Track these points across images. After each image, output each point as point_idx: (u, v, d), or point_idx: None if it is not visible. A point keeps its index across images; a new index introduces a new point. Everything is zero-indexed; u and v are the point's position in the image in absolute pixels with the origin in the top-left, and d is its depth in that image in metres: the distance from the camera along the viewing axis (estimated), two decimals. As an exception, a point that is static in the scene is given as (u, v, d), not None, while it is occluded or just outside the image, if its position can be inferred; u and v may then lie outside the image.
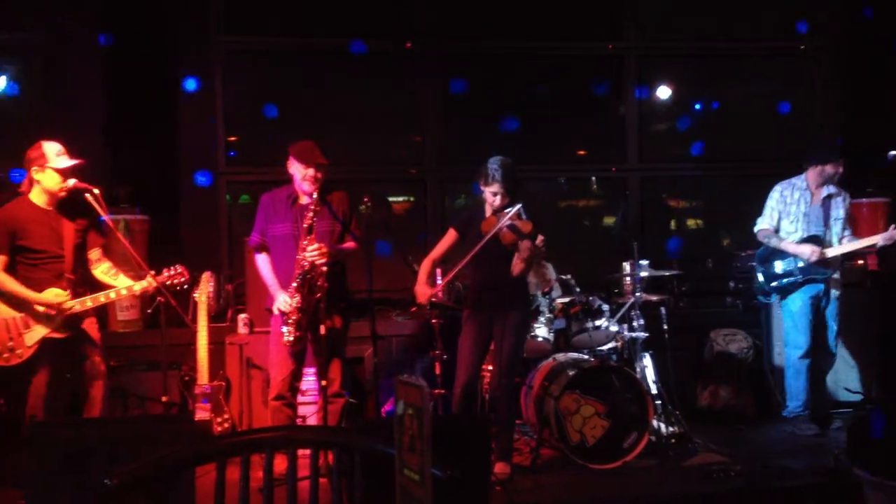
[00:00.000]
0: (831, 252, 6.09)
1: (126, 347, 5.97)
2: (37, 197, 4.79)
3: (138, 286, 4.86)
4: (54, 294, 4.70)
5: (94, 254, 4.99)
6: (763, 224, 6.30)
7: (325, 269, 4.86)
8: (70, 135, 6.42)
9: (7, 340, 4.68)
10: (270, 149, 5.32)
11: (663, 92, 8.05)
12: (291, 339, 4.97)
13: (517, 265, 4.93)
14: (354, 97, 7.52)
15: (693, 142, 8.09)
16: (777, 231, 6.26)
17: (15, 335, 4.68)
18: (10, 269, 4.72)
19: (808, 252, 6.05)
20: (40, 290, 4.71)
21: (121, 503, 1.99)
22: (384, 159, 7.67)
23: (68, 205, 4.82)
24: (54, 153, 4.74)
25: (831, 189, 6.21)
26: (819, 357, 6.19)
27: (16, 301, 4.70)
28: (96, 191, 4.75)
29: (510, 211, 4.89)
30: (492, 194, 5.05)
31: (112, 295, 4.88)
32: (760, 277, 6.30)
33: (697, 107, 8.20)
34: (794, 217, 6.21)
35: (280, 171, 5.23)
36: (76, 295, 4.78)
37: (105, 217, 4.79)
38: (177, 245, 6.73)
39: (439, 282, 6.11)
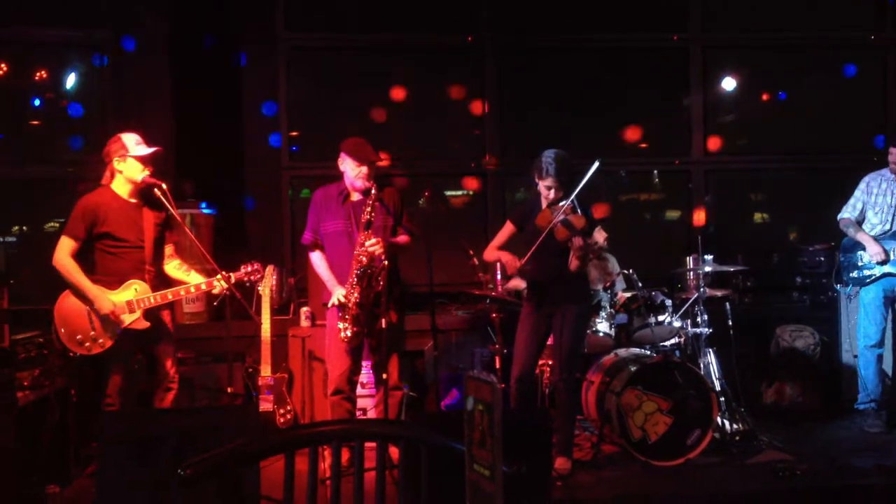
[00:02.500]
0: None
1: (192, 339, 6.08)
2: (119, 187, 4.85)
3: (217, 287, 4.89)
4: (108, 300, 4.70)
5: (168, 249, 5.05)
6: (846, 213, 6.26)
7: (385, 263, 4.89)
8: (137, 131, 6.62)
9: (90, 330, 4.74)
10: (332, 144, 5.36)
11: (728, 83, 7.91)
12: (349, 334, 5.01)
13: (572, 261, 4.90)
14: (415, 91, 7.54)
15: (759, 134, 7.95)
16: (862, 222, 6.19)
17: (97, 325, 4.73)
18: (89, 258, 4.77)
19: (876, 251, 5.97)
20: (121, 280, 4.77)
21: (192, 492, 2.03)
22: (444, 153, 7.68)
23: (148, 197, 4.89)
24: (133, 143, 4.82)
25: None
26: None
27: (73, 288, 4.73)
28: (164, 186, 4.85)
29: (563, 205, 4.85)
30: (546, 188, 5.01)
31: (192, 290, 4.94)
32: (841, 266, 6.24)
33: (763, 98, 8.05)
34: (880, 208, 6.13)
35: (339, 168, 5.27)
36: (154, 287, 4.83)
37: (174, 212, 4.88)
38: (241, 239, 6.83)
39: (499, 276, 6.11)
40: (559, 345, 5.06)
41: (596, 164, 4.79)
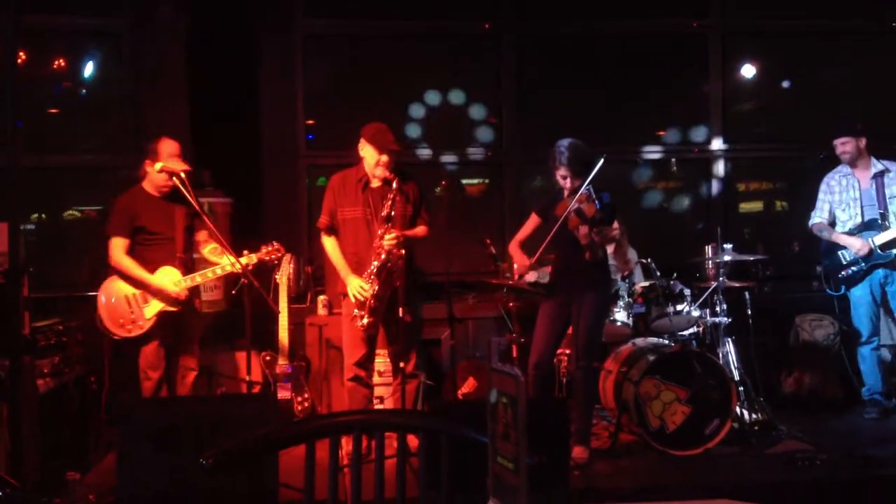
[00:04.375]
0: (882, 239, 5.93)
1: (211, 327, 6.10)
2: (148, 186, 5.18)
3: (244, 260, 5.11)
4: (173, 283, 5.09)
5: (202, 235, 5.33)
6: (815, 218, 6.28)
7: (401, 261, 4.88)
8: (155, 119, 6.64)
9: (129, 313, 5.08)
10: (349, 132, 5.35)
11: (748, 70, 7.84)
12: (365, 323, 5.01)
13: (585, 250, 4.90)
14: (432, 79, 7.51)
15: (778, 122, 7.88)
16: (833, 222, 6.20)
17: (136, 308, 5.09)
18: (132, 249, 5.13)
19: (858, 246, 5.95)
20: (155, 268, 5.10)
21: (211, 480, 2.03)
22: (461, 142, 7.66)
23: (177, 191, 5.11)
24: (167, 153, 5.10)
25: (878, 166, 6.03)
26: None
27: (135, 281, 5.09)
28: (182, 175, 4.96)
29: (579, 193, 4.84)
30: (561, 177, 5.03)
31: (218, 271, 5.17)
32: (826, 271, 6.23)
33: (783, 86, 7.97)
34: (846, 204, 6.13)
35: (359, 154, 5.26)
36: (186, 272, 5.16)
37: (192, 200, 4.93)
38: (258, 227, 6.84)
39: (515, 265, 6.08)
40: (576, 334, 5.06)
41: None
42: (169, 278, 5.09)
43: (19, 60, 6.28)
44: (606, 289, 5.27)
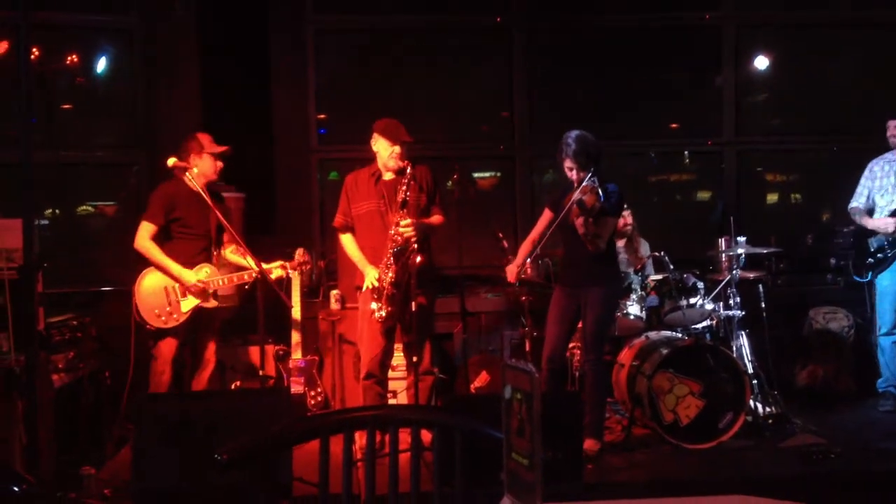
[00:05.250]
0: None
1: (224, 321, 6.11)
2: (192, 180, 5.14)
3: (275, 273, 5.25)
4: (192, 274, 5.13)
5: (226, 236, 5.36)
6: (854, 202, 6.27)
7: (416, 246, 4.88)
8: (167, 114, 6.66)
9: (167, 305, 5.13)
10: (361, 126, 5.35)
11: (761, 63, 7.79)
12: (383, 314, 5.01)
13: (586, 241, 4.90)
14: (443, 73, 7.51)
15: (791, 114, 7.84)
16: (872, 208, 6.16)
17: (173, 301, 5.14)
18: (166, 239, 5.19)
19: (884, 224, 5.93)
20: (188, 261, 5.16)
21: (226, 475, 2.04)
22: (472, 136, 7.64)
23: (213, 190, 5.26)
24: (209, 140, 5.26)
25: None
26: None
27: (159, 267, 5.14)
28: (196, 170, 5.03)
29: (583, 185, 4.85)
30: (567, 169, 5.04)
31: (246, 276, 5.22)
32: (854, 259, 6.20)
33: (796, 78, 7.92)
34: (885, 190, 6.08)
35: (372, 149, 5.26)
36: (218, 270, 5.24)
37: (205, 196, 4.95)
38: (270, 222, 6.85)
39: (528, 260, 6.07)
40: (584, 327, 5.07)
41: (588, 180, 4.83)
42: (199, 274, 5.15)
43: (32, 57, 6.31)
44: (613, 282, 5.23)
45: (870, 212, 6.21)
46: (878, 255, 6.05)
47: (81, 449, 5.03)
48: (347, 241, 5.25)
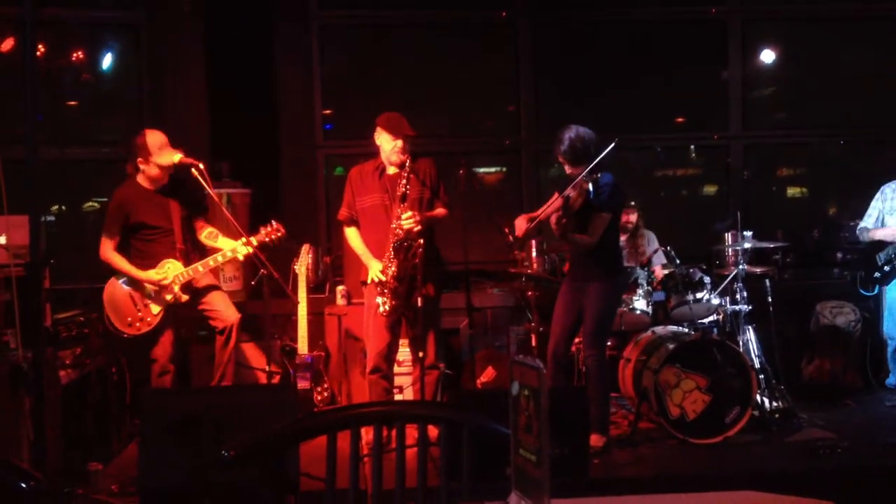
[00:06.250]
0: None
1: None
2: (143, 181, 5.17)
3: (241, 252, 5.13)
4: (155, 272, 5.08)
5: (198, 222, 5.31)
6: (863, 223, 6.33)
7: (420, 239, 4.89)
8: (173, 110, 6.66)
9: (136, 312, 5.12)
10: (366, 122, 5.35)
11: (767, 57, 7.76)
12: (388, 308, 5.02)
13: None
14: (449, 68, 7.49)
15: (798, 108, 7.81)
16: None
17: (142, 306, 5.13)
18: (124, 248, 5.15)
19: (892, 233, 5.95)
20: (157, 262, 5.11)
21: (233, 471, 2.04)
22: (478, 130, 7.64)
23: (172, 181, 5.18)
24: (157, 147, 5.10)
25: None
26: None
27: (132, 279, 5.13)
28: (202, 165, 5.02)
29: (577, 181, 4.88)
30: (562, 163, 5.08)
31: (220, 258, 5.17)
32: (862, 275, 6.22)
33: (803, 71, 7.89)
34: (895, 210, 6.07)
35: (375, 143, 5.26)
36: (188, 262, 5.15)
37: (210, 191, 4.95)
38: (276, 218, 6.84)
39: (535, 254, 6.06)
40: (584, 322, 5.08)
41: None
42: (167, 270, 5.11)
43: (38, 54, 6.31)
44: (613, 277, 5.17)
45: None
46: (886, 267, 6.09)
47: (88, 445, 5.04)
48: (352, 234, 5.26)
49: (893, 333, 6.13)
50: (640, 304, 5.77)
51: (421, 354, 5.04)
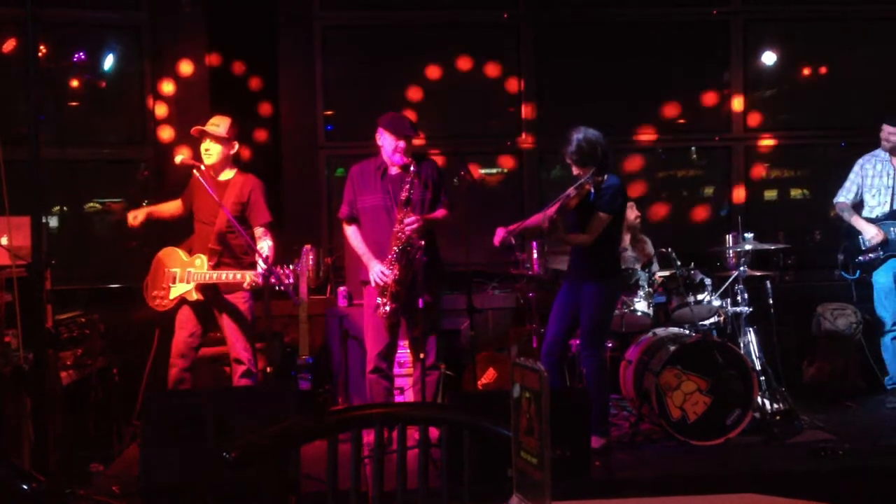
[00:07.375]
0: None
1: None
2: (209, 168, 5.20)
3: (248, 279, 5.02)
4: (178, 260, 5.16)
5: (258, 231, 5.23)
6: (840, 197, 6.25)
7: (422, 242, 4.89)
8: (174, 111, 6.67)
9: (161, 288, 5.18)
10: (368, 123, 5.35)
11: (769, 58, 7.76)
12: (388, 310, 5.01)
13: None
14: (451, 69, 7.49)
15: (799, 109, 7.81)
16: (859, 205, 6.15)
17: (166, 286, 5.17)
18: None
19: (872, 234, 5.93)
20: (192, 249, 5.20)
21: (234, 472, 2.04)
22: (480, 131, 7.64)
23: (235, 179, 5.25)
24: (226, 127, 5.24)
25: None
26: None
27: (174, 258, 5.19)
28: (203, 167, 4.98)
29: (579, 182, 4.88)
30: (568, 163, 5.09)
31: (230, 276, 5.05)
32: (845, 254, 6.18)
33: (805, 73, 7.89)
34: (877, 190, 6.07)
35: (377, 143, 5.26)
36: (217, 266, 5.11)
37: (211, 193, 4.94)
38: (278, 218, 6.85)
39: (535, 256, 6.07)
40: (581, 323, 5.09)
41: (583, 180, 4.85)
42: (184, 264, 5.13)
43: (40, 54, 6.32)
44: (609, 278, 5.16)
45: (855, 208, 6.20)
46: (870, 255, 6.04)
47: (90, 446, 5.04)
48: (352, 232, 5.25)
49: (884, 317, 6.07)
50: (640, 305, 5.77)
51: (422, 356, 5.04)
